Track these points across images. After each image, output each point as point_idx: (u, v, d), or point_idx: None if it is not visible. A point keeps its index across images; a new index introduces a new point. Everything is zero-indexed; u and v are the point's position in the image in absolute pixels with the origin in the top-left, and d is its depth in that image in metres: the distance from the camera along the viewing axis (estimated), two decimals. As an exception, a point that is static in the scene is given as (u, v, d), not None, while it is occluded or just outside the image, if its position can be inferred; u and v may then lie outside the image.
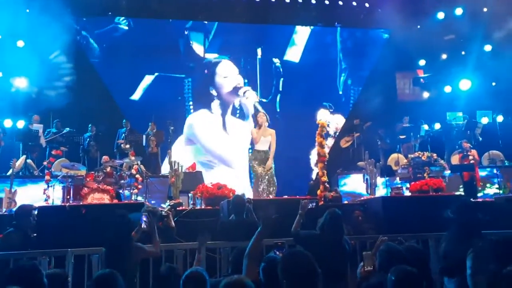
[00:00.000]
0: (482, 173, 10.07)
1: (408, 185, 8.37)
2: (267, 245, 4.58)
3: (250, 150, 8.28)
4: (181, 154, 11.28)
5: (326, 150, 8.26)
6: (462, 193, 8.57)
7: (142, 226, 4.53)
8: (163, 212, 5.82)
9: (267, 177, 7.87)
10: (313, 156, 11.51)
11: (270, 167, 7.94)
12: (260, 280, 3.05)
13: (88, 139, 10.96)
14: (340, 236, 4.39)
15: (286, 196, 7.81)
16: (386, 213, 6.59)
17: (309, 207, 4.97)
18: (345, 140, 12.59)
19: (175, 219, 6.21)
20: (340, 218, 4.46)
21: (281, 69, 13.42)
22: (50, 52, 11.43)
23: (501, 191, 9.46)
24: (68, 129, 10.88)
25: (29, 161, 10.16)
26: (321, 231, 4.46)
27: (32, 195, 8.65)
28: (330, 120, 11.24)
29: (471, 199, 7.82)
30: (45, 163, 9.41)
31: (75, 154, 10.78)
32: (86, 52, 12.40)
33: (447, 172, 9.10)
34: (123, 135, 10.74)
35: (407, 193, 8.06)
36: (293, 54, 13.65)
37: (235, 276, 2.40)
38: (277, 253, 3.71)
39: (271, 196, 7.72)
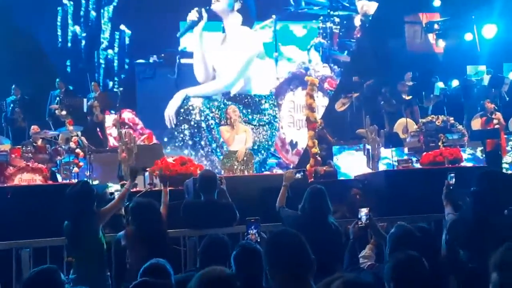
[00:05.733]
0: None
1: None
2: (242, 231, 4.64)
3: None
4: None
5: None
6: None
7: None
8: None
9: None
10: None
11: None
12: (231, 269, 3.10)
13: (11, 105, 10.77)
14: (324, 217, 4.45)
15: (267, 172, 7.85)
16: (391, 191, 6.71)
17: (295, 177, 5.00)
18: (341, 102, 12.59)
19: (127, 203, 6.23)
20: (322, 195, 4.50)
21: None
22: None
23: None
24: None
25: None
26: (302, 212, 4.53)
27: None
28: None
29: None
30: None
31: (-5, 125, 10.62)
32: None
33: (466, 140, 9.30)
34: (57, 98, 10.54)
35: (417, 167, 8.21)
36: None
37: (213, 268, 2.36)
38: (254, 231, 3.77)
39: (246, 173, 7.72)
